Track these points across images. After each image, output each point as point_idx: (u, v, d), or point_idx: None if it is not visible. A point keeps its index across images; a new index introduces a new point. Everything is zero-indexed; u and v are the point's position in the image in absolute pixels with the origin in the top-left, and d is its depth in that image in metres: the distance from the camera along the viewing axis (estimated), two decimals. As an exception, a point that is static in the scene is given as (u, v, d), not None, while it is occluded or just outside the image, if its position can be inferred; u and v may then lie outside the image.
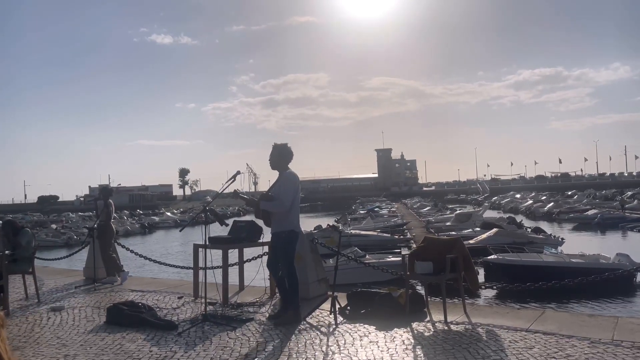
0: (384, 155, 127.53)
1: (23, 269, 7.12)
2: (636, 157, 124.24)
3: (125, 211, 64.58)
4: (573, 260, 17.08)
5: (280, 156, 5.53)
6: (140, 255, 10.23)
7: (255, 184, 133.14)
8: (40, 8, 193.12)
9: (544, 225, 34.30)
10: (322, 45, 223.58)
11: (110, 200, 8.85)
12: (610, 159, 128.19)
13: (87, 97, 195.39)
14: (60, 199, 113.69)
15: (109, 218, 8.71)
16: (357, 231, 28.69)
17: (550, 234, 26.02)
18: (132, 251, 10.13)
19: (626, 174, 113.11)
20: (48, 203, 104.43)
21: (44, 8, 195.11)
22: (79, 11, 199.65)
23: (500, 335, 4.68)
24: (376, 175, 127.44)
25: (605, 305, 13.93)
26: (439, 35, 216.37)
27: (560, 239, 24.42)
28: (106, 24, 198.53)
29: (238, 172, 5.94)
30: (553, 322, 5.00)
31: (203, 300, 5.70)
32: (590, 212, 39.82)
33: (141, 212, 69.29)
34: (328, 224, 26.41)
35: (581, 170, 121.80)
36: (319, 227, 28.61)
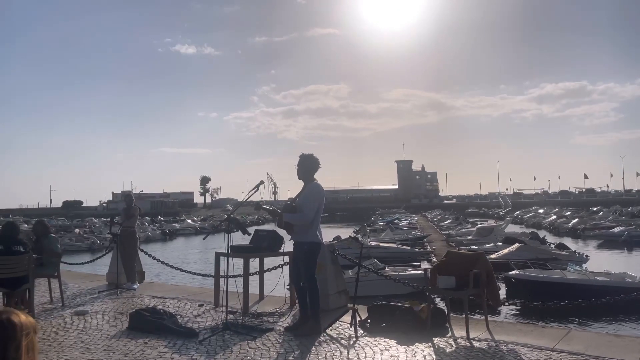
0: (404, 167, 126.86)
1: (49, 273, 7.26)
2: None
3: (147, 217, 65.39)
4: (598, 278, 16.69)
5: (306, 167, 5.50)
6: (163, 262, 10.35)
7: (275, 193, 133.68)
8: (66, 16, 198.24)
9: (568, 242, 33.60)
10: (343, 57, 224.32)
11: (136, 206, 9.04)
12: (637, 175, 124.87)
13: (112, 104, 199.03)
14: (84, 204, 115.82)
15: (132, 224, 8.89)
16: (377, 243, 28.50)
17: (575, 251, 25.46)
18: (154, 257, 10.25)
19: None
20: (72, 208, 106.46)
21: (70, 16, 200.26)
22: (106, 21, 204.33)
23: (524, 354, 4.59)
24: (396, 186, 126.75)
25: (631, 326, 13.55)
26: (460, 47, 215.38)
27: (584, 256, 23.88)
28: (132, 34, 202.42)
29: (261, 182, 5.97)
30: (579, 342, 4.88)
31: (224, 308, 5.73)
32: (616, 229, 38.84)
33: (162, 218, 70.03)
34: (349, 235, 26.31)
35: (607, 186, 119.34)
36: (337, 238, 28.52)
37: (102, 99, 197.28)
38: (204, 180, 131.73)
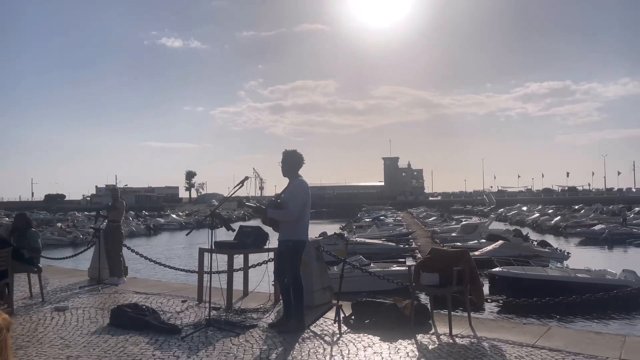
0: (390, 164, 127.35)
1: (29, 268, 7.14)
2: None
3: (131, 212, 64.75)
4: (579, 275, 16.93)
5: (290, 163, 5.47)
6: (146, 258, 10.24)
7: (262, 189, 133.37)
8: (50, 9, 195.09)
9: (551, 239, 34.01)
10: (331, 53, 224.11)
11: (122, 200, 8.97)
12: (618, 174, 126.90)
13: (96, 97, 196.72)
14: (66, 198, 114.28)
15: (119, 219, 8.83)
16: (362, 239, 28.59)
17: (557, 248, 25.82)
18: (137, 253, 10.14)
19: (634, 190, 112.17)
20: (54, 202, 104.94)
21: (54, 9, 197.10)
22: (90, 13, 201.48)
23: (505, 350, 4.63)
24: (382, 183, 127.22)
25: (611, 323, 13.78)
26: (447, 45, 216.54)
27: (566, 253, 24.22)
28: (117, 27, 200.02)
29: (246, 178, 5.91)
30: (559, 339, 4.94)
31: (207, 304, 5.69)
32: (597, 227, 39.44)
33: (147, 213, 69.47)
34: (335, 232, 26.34)
35: (589, 184, 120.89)
36: (324, 234, 28.55)
37: (86, 91, 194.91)
38: (190, 175, 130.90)
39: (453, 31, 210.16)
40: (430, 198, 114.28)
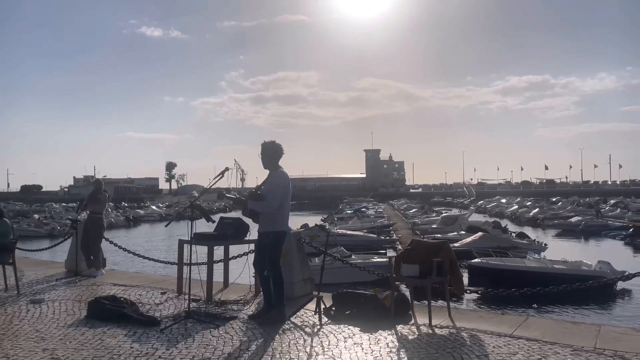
0: (372, 156, 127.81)
1: (2, 259, 6.98)
2: (620, 166, 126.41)
3: (110, 203, 63.86)
4: (555, 266, 17.26)
5: (270, 154, 5.43)
6: (125, 249, 10.12)
7: (243, 180, 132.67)
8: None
9: (529, 231, 34.57)
10: (313, 44, 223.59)
11: (106, 192, 8.86)
12: (595, 167, 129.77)
13: (74, 87, 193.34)
14: (43, 189, 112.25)
15: (102, 210, 8.71)
16: (344, 231, 28.68)
17: (534, 240, 26.25)
18: (116, 244, 10.01)
19: (610, 183, 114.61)
20: (31, 192, 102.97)
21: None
22: (67, 1, 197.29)
23: (484, 340, 4.68)
24: (364, 175, 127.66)
25: (587, 313, 14.08)
26: (429, 38, 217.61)
27: (543, 245, 24.65)
28: (95, 15, 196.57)
29: (227, 169, 5.86)
30: (536, 329, 5.02)
31: (186, 296, 5.64)
32: (574, 219, 40.20)
33: (126, 204, 68.61)
34: (316, 224, 26.38)
35: (566, 177, 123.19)
36: (305, 226, 28.55)
37: (64, 81, 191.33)
38: (170, 166, 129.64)
39: (435, 24, 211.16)
40: (411, 190, 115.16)
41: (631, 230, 31.73)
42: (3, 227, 7.09)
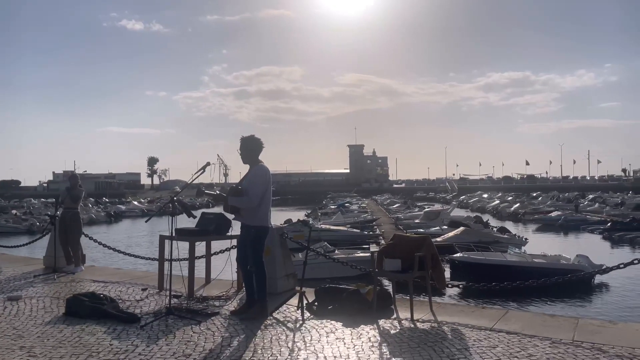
0: (356, 152, 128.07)
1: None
2: (598, 162, 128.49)
3: (91, 199, 63.02)
4: (535, 260, 17.52)
5: (249, 149, 5.39)
6: (105, 245, 9.98)
7: (226, 175, 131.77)
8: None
9: (510, 225, 35.08)
10: (297, 39, 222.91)
11: (81, 187, 8.73)
12: (574, 163, 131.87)
13: (53, 81, 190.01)
14: (22, 184, 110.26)
15: (77, 205, 8.60)
16: (327, 226, 28.72)
17: (515, 234, 26.62)
18: (95, 240, 9.87)
19: (588, 178, 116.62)
20: (9, 188, 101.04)
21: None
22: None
23: (465, 334, 4.72)
24: (348, 170, 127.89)
25: (566, 306, 14.33)
26: (412, 34, 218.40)
27: (524, 239, 25.01)
28: (74, 7, 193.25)
29: (208, 164, 5.81)
30: (516, 322, 5.07)
31: (168, 292, 5.58)
32: (554, 214, 40.83)
33: (107, 200, 67.79)
34: (299, 219, 26.36)
35: (546, 172, 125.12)
36: (289, 221, 28.54)
37: (43, 74, 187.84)
38: (152, 161, 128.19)
39: (418, 21, 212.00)
40: (395, 185, 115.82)
41: (609, 224, 32.38)
42: None
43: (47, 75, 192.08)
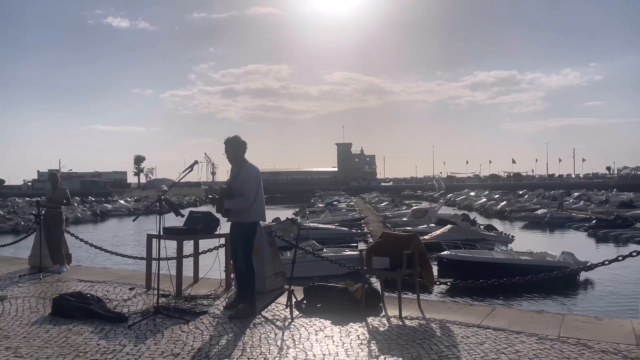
0: (344, 150, 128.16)
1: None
2: (583, 160, 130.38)
3: (77, 198, 62.33)
4: (522, 257, 17.66)
5: (236, 150, 5.48)
6: (91, 244, 9.89)
7: (214, 174, 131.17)
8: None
9: (497, 223, 35.32)
10: (284, 37, 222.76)
11: (62, 186, 8.63)
12: (559, 161, 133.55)
13: (38, 78, 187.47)
14: (6, 183, 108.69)
15: (59, 204, 8.48)
16: (315, 224, 28.72)
17: (502, 232, 26.82)
18: (82, 240, 9.78)
19: (574, 176, 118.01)
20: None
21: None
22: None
23: (453, 330, 4.76)
24: (336, 169, 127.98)
25: (552, 302, 14.48)
26: (399, 33, 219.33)
27: (510, 237, 25.20)
28: (59, 4, 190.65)
29: (196, 162, 5.80)
30: (503, 318, 5.13)
31: (155, 291, 5.54)
32: (540, 212, 41.20)
33: (93, 199, 67.08)
34: (287, 217, 26.32)
35: (532, 170, 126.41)
36: (277, 220, 28.48)
37: (27, 72, 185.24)
38: (138, 160, 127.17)
39: (405, 19, 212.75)
40: (382, 184, 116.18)
41: (594, 222, 32.76)
42: None
43: (32, 73, 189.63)
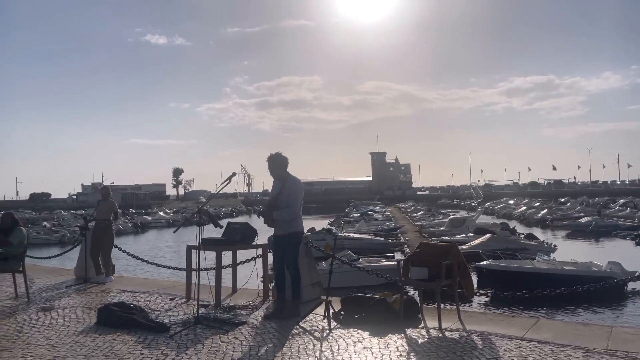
0: (378, 159, 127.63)
1: (13, 267, 7.01)
2: (629, 166, 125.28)
3: (119, 210, 64.08)
4: (565, 267, 17.12)
5: (279, 166, 5.76)
6: (133, 256, 10.16)
7: (249, 185, 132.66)
8: (34, 4, 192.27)
9: (537, 232, 34.37)
10: (316, 48, 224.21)
11: (112, 199, 8.97)
12: (603, 167, 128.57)
13: (80, 94, 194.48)
14: (52, 197, 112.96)
15: (109, 217, 8.80)
16: (351, 234, 28.61)
17: (543, 241, 26.08)
18: (124, 251, 10.05)
19: (619, 182, 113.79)
20: (40, 200, 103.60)
21: (38, 4, 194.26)
22: (75, 9, 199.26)
23: (495, 343, 4.65)
24: (370, 178, 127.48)
25: (598, 314, 13.95)
26: (431, 40, 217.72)
27: (552, 246, 24.47)
28: (101, 23, 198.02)
29: (234, 174, 5.93)
30: (547, 331, 4.98)
31: (195, 302, 5.64)
32: (584, 220, 39.86)
33: (134, 211, 68.89)
34: (323, 227, 26.35)
35: (574, 177, 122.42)
36: (312, 230, 28.53)
37: (70, 89, 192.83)
38: (177, 172, 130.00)
39: (437, 26, 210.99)
40: (418, 192, 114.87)
41: (641, 230, 31.46)
42: (19, 235, 7.09)
43: (73, 88, 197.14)
